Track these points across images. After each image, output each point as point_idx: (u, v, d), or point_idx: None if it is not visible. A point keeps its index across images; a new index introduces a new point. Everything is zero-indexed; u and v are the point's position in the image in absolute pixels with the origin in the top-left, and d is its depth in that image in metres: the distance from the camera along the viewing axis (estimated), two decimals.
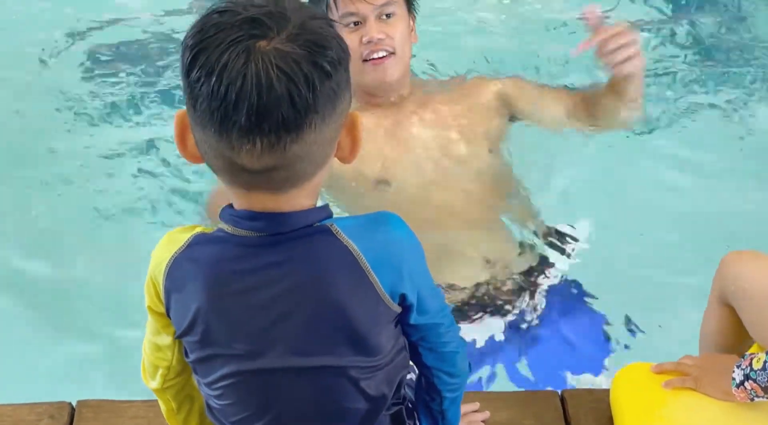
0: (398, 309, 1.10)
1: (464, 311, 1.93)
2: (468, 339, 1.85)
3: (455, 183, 2.02)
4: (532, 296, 1.97)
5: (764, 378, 1.31)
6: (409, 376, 1.31)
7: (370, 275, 1.05)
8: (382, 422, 1.26)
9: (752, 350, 1.43)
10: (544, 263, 2.06)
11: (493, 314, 1.95)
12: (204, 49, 0.94)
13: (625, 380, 1.53)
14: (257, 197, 1.02)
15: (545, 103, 2.08)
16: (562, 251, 2.06)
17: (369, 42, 1.77)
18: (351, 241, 1.04)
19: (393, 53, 1.87)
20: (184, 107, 1.00)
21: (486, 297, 1.95)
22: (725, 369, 1.39)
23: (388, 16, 1.87)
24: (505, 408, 1.55)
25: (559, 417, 1.55)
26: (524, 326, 1.95)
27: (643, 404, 1.49)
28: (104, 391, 1.65)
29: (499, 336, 1.93)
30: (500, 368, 1.91)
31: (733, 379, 1.35)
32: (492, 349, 1.91)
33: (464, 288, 1.95)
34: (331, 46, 0.96)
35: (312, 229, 1.05)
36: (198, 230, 1.10)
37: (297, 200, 1.03)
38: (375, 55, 1.84)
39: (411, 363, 1.28)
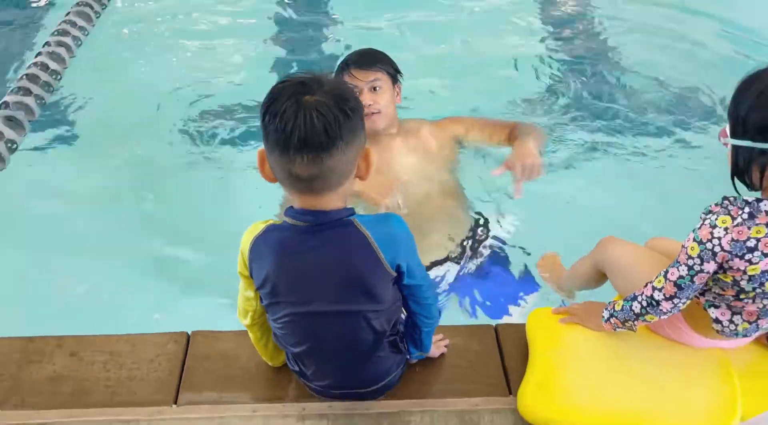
0: (395, 274, 1.45)
1: (436, 262, 2.43)
2: (437, 278, 2.37)
3: (427, 193, 2.49)
4: (476, 255, 2.48)
5: (622, 316, 1.62)
6: (401, 315, 1.62)
7: (378, 252, 1.41)
8: (384, 347, 1.58)
9: (615, 299, 1.73)
10: (483, 233, 2.58)
11: (453, 262, 2.46)
12: (272, 102, 1.31)
13: (535, 318, 1.81)
14: (306, 200, 1.39)
15: (483, 135, 2.59)
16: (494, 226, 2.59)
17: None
18: (366, 230, 1.41)
19: (379, 112, 2.32)
20: (262, 146, 1.34)
21: (449, 254, 2.45)
22: (598, 310, 1.69)
23: (375, 89, 2.30)
24: (458, 336, 1.81)
25: (494, 342, 1.82)
26: (472, 270, 2.46)
27: (547, 334, 1.76)
28: (209, 324, 1.86)
29: (454, 276, 2.42)
30: (455, 299, 2.32)
31: (603, 316, 1.68)
32: (453, 286, 2.39)
33: (437, 252, 2.43)
34: (350, 99, 1.35)
35: (341, 221, 1.41)
36: (270, 222, 1.45)
37: (331, 202, 1.39)
38: (367, 112, 2.20)
39: (402, 309, 1.61)
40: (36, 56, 3.43)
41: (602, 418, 1.61)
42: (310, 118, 1.26)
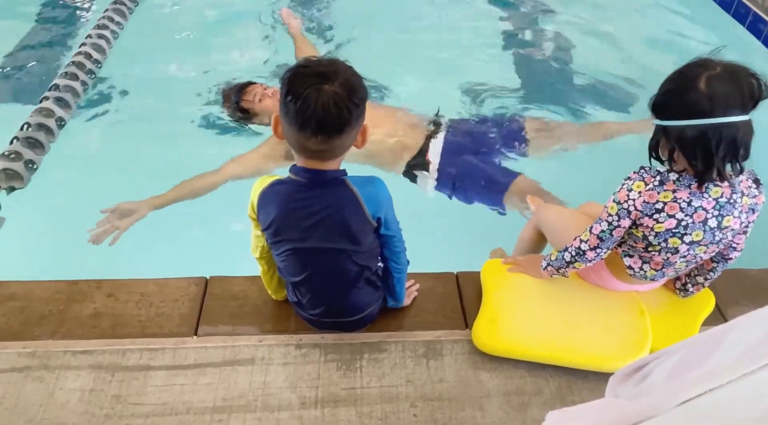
0: (375, 224, 1.45)
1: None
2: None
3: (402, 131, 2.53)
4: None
5: (556, 264, 1.64)
6: (379, 264, 1.62)
7: (362, 206, 1.42)
8: (364, 280, 1.57)
9: (552, 252, 1.70)
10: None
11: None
12: (294, 83, 1.27)
13: (488, 267, 1.81)
14: (310, 162, 1.38)
15: None
16: None
17: None
18: (355, 188, 1.41)
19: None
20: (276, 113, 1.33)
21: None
22: (538, 261, 1.73)
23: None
24: (426, 281, 1.82)
25: (455, 286, 1.83)
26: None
27: (497, 280, 1.77)
28: (224, 270, 1.84)
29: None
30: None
31: (542, 265, 1.70)
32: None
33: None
34: (360, 90, 1.32)
35: (335, 180, 1.41)
36: (276, 177, 1.45)
37: (330, 165, 1.39)
38: None
39: (380, 257, 1.60)
40: (80, 46, 3.32)
41: (539, 347, 1.62)
42: (328, 106, 1.25)
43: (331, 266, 1.51)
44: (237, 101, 2.72)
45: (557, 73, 3.39)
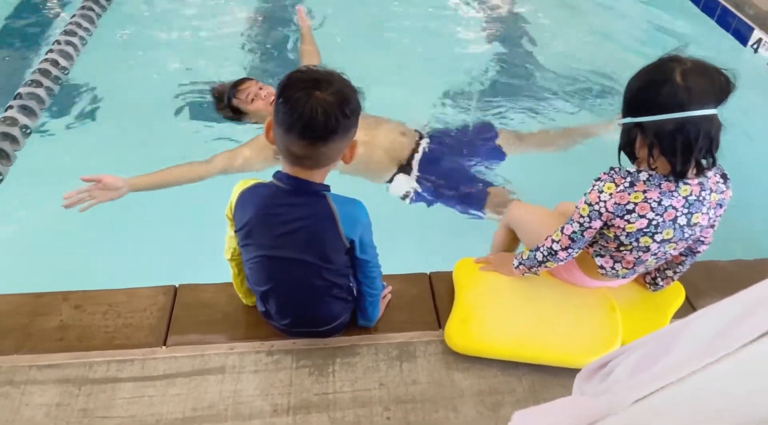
0: (347, 245, 1.44)
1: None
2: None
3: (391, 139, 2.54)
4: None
5: (528, 263, 1.65)
6: (352, 284, 1.58)
7: (338, 224, 1.40)
8: (332, 295, 1.54)
9: (524, 250, 1.71)
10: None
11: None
12: (288, 87, 1.29)
13: (460, 267, 1.81)
14: (295, 169, 1.38)
15: None
16: None
17: None
18: (334, 205, 1.40)
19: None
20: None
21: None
22: (509, 260, 1.73)
23: None
24: (399, 283, 1.81)
25: (428, 287, 1.82)
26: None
27: (469, 279, 1.77)
28: (194, 278, 1.81)
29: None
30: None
31: (513, 264, 1.70)
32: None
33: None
34: (352, 101, 1.32)
35: (317, 194, 1.40)
36: (257, 181, 1.44)
37: (314, 176, 1.39)
38: None
39: (353, 279, 1.57)
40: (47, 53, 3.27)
41: (511, 345, 1.62)
42: (315, 112, 1.25)
43: (299, 278, 1.49)
44: (230, 97, 2.68)
45: (532, 75, 3.41)
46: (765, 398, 0.56)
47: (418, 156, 2.52)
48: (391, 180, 2.49)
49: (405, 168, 2.52)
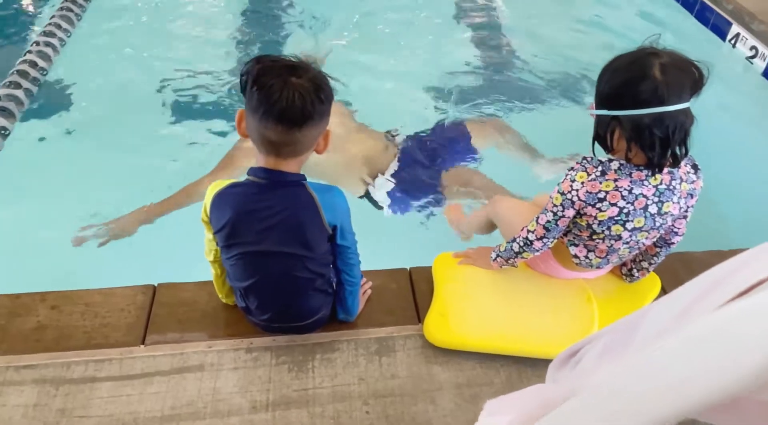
0: (330, 232, 1.44)
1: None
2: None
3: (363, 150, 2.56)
4: None
5: (505, 255, 1.66)
6: (332, 275, 1.60)
7: (320, 211, 1.40)
8: (315, 287, 1.54)
9: (502, 243, 1.71)
10: None
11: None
12: (262, 75, 1.28)
13: (439, 261, 1.83)
14: (270, 161, 1.37)
15: None
16: None
17: None
18: (314, 193, 1.40)
19: None
20: (242, 107, 1.33)
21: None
22: (487, 252, 1.75)
23: None
24: (379, 278, 1.81)
25: (408, 282, 1.82)
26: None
27: (447, 273, 1.78)
28: (173, 277, 1.80)
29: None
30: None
31: (491, 257, 1.72)
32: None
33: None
34: (326, 88, 1.33)
35: (295, 183, 1.40)
36: (231, 181, 1.43)
37: (290, 166, 1.38)
38: None
39: (333, 268, 1.57)
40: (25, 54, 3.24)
41: (489, 338, 1.64)
42: (293, 96, 1.26)
43: (282, 271, 1.49)
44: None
45: (513, 67, 3.44)
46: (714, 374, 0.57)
47: (393, 165, 2.55)
48: (365, 193, 2.50)
49: (377, 179, 2.55)
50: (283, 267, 1.48)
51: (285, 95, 1.26)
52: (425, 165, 2.57)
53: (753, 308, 0.54)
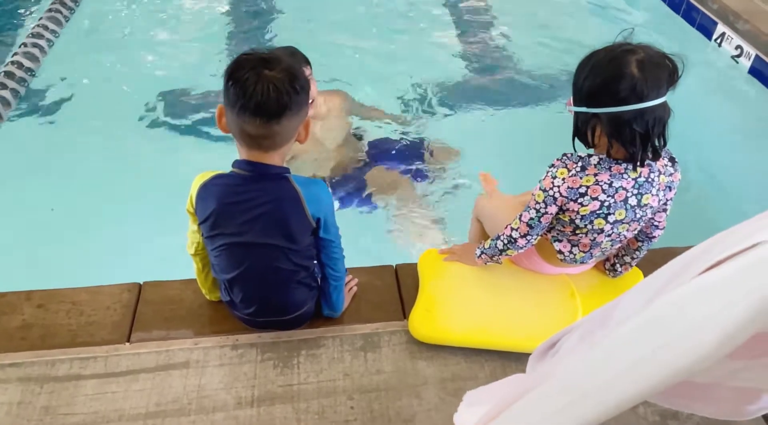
0: (314, 225, 1.45)
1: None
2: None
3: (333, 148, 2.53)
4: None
5: (490, 252, 1.67)
6: (316, 268, 1.60)
7: (303, 204, 1.42)
8: (299, 280, 1.55)
9: (486, 240, 1.73)
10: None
11: None
12: (237, 70, 1.30)
13: (425, 257, 1.84)
14: (253, 153, 1.38)
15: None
16: None
17: None
18: (298, 186, 1.41)
19: None
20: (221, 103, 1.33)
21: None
22: (472, 249, 1.76)
23: None
24: (364, 275, 1.82)
25: (393, 279, 1.84)
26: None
27: (433, 270, 1.80)
28: (158, 274, 1.81)
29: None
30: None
31: (476, 253, 1.73)
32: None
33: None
34: (300, 78, 1.34)
35: (278, 176, 1.41)
36: (218, 172, 1.44)
37: (272, 159, 1.39)
38: None
39: (317, 262, 1.59)
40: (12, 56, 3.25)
41: (473, 333, 1.65)
42: (267, 89, 1.27)
43: (266, 263, 1.50)
44: None
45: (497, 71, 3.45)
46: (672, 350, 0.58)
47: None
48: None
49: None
50: (267, 259, 1.49)
51: (260, 88, 1.27)
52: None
53: (706, 284, 0.55)
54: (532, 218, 1.53)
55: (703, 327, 0.52)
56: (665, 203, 1.57)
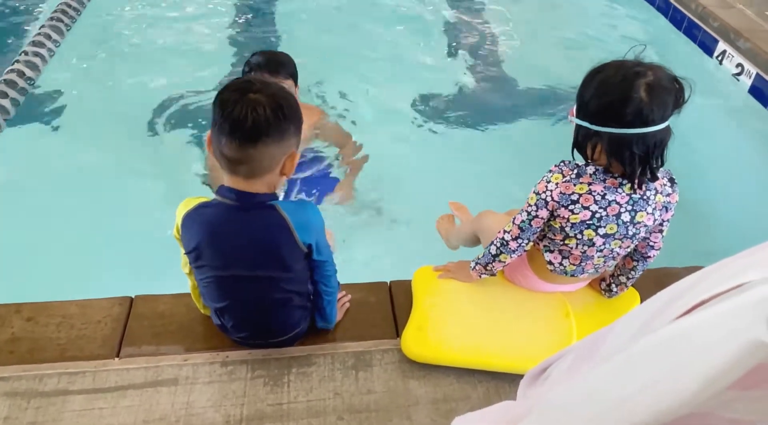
0: (305, 250, 1.43)
1: None
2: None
3: None
4: None
5: (483, 260, 1.65)
6: (309, 288, 1.59)
7: (293, 233, 1.38)
8: (293, 306, 1.54)
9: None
10: None
11: None
12: (224, 91, 1.29)
13: (419, 275, 1.82)
14: (235, 181, 1.34)
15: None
16: None
17: None
18: (286, 214, 1.37)
19: None
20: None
21: None
22: (466, 265, 1.74)
23: None
24: (358, 292, 1.81)
25: (387, 296, 1.82)
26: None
27: (426, 287, 1.77)
28: (149, 289, 1.80)
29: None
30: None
31: (470, 266, 1.71)
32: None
33: None
34: (285, 106, 1.28)
35: (264, 204, 1.37)
36: (202, 200, 1.40)
37: (257, 186, 1.35)
38: None
39: (311, 282, 1.56)
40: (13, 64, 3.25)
41: (467, 352, 1.63)
42: (246, 112, 1.23)
43: (257, 295, 1.48)
44: None
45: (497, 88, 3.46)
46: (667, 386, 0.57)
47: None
48: None
49: None
50: (258, 291, 1.47)
51: (238, 109, 1.24)
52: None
53: (691, 326, 0.54)
54: (523, 221, 1.53)
55: (685, 370, 0.51)
56: (661, 224, 1.56)
